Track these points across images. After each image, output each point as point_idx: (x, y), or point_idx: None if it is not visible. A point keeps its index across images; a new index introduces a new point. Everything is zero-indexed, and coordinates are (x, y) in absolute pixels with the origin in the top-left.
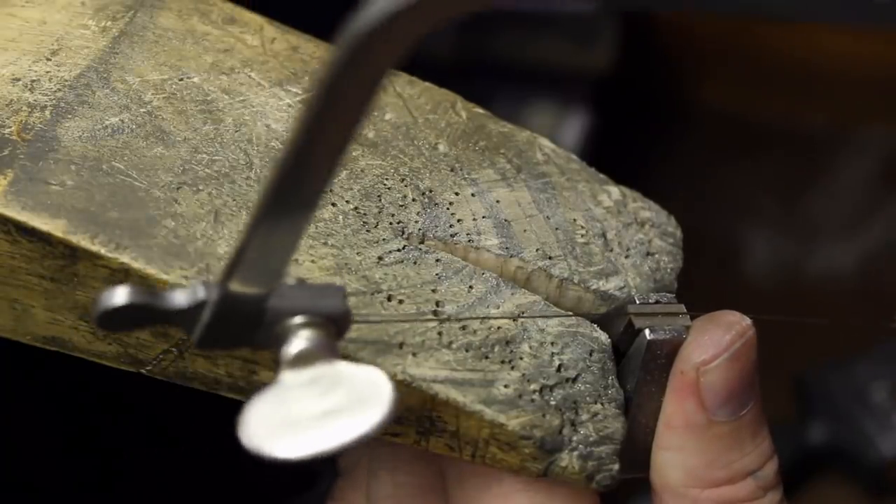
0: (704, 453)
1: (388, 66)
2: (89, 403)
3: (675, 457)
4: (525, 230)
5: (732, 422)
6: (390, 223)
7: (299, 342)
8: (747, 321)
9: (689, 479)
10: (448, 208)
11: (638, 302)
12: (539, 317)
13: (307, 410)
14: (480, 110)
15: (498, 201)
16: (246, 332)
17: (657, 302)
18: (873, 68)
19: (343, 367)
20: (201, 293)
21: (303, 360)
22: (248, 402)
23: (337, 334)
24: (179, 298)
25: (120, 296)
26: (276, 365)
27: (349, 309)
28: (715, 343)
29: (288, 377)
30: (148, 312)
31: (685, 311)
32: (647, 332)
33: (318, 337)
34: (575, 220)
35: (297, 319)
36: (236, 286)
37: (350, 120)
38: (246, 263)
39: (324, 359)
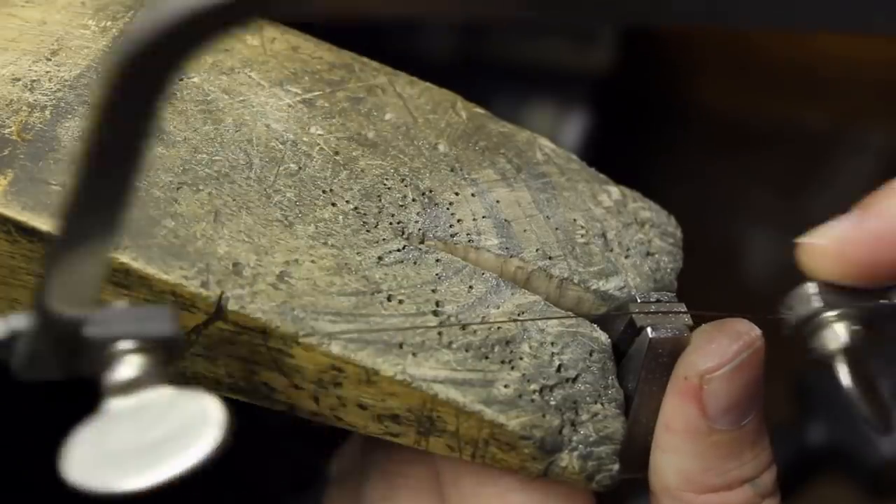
0: (702, 459)
1: (169, 79)
2: (89, 403)
3: (672, 459)
4: (525, 230)
5: (733, 431)
6: (390, 223)
7: (124, 369)
8: (756, 332)
9: (686, 482)
10: (448, 208)
11: (639, 301)
12: (539, 319)
13: (133, 440)
14: (480, 110)
15: (498, 201)
16: (70, 360)
17: (658, 301)
18: (873, 68)
19: (171, 393)
20: (15, 322)
21: (128, 387)
22: (71, 433)
23: (167, 359)
24: None
25: None
26: (101, 392)
27: (179, 332)
28: (721, 352)
29: (113, 405)
30: None
31: (686, 310)
32: (648, 330)
33: (144, 363)
34: (575, 220)
35: (123, 345)
36: (51, 312)
37: (135, 137)
38: (55, 290)
39: (151, 385)
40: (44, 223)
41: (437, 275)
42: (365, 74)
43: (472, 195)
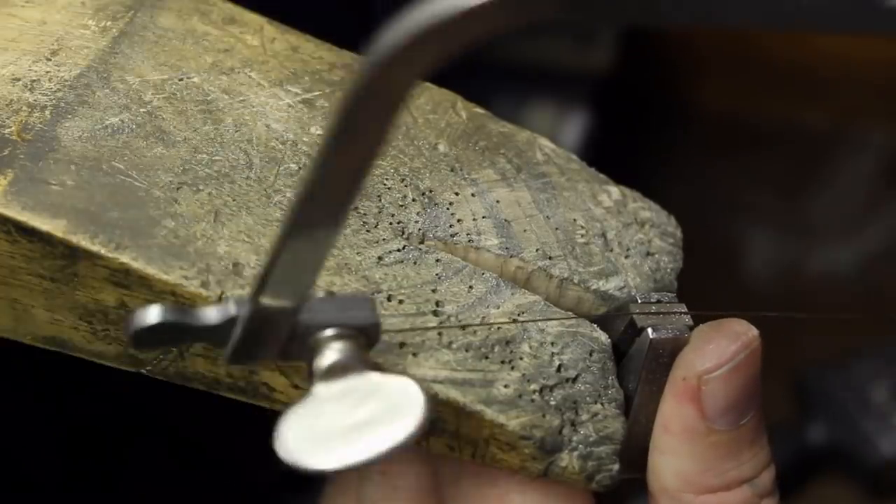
0: (700, 460)
1: (409, 87)
2: (89, 403)
3: (670, 461)
4: (525, 230)
5: (731, 431)
6: (390, 223)
7: (330, 355)
8: (754, 332)
9: (684, 483)
10: (448, 208)
11: (640, 301)
12: (540, 321)
13: (341, 422)
14: (480, 110)
15: (498, 201)
16: (277, 346)
17: (659, 301)
18: (873, 68)
19: (375, 377)
20: (232, 309)
21: (334, 372)
22: (282, 415)
23: (367, 345)
24: (211, 315)
25: (153, 315)
26: (308, 377)
27: (379, 320)
28: (719, 352)
29: (321, 389)
30: (180, 330)
31: (687, 310)
32: (649, 331)
33: (348, 349)
34: (575, 220)
35: (328, 332)
36: (267, 301)
37: (373, 139)
38: (275, 279)
39: (355, 370)
40: (44, 223)
41: (437, 275)
42: None
43: (472, 195)
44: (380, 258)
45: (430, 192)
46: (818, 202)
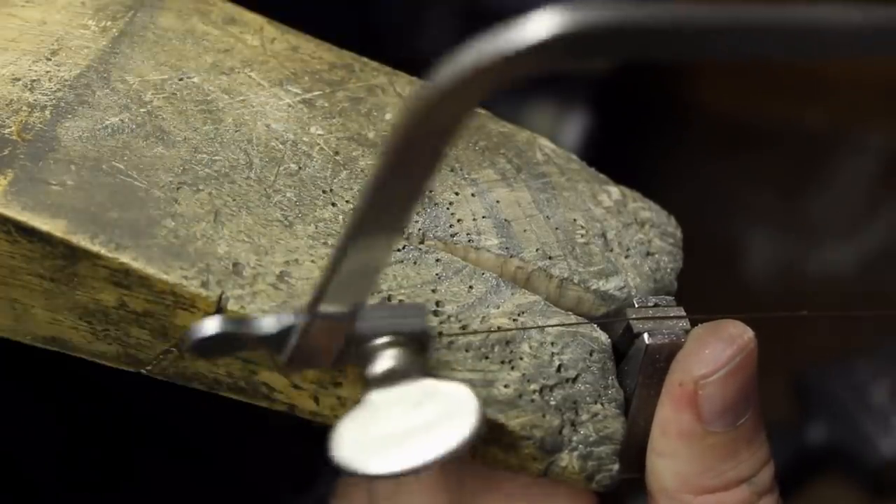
0: (698, 462)
1: (465, 118)
2: (89, 403)
3: (668, 463)
4: (525, 230)
5: (728, 432)
6: None
7: (385, 361)
8: (749, 334)
9: (683, 485)
10: (448, 208)
11: (637, 305)
12: (540, 327)
13: (397, 427)
14: (480, 110)
15: (498, 201)
16: (333, 353)
17: (656, 305)
18: (873, 68)
19: (429, 383)
20: (289, 319)
21: (389, 378)
22: (339, 421)
23: (421, 351)
24: (269, 325)
25: (211, 326)
26: (363, 383)
27: (432, 327)
28: (715, 357)
29: (375, 396)
30: (238, 339)
31: (684, 314)
32: (645, 336)
33: (403, 355)
34: (575, 220)
35: (382, 339)
36: (324, 309)
37: (430, 160)
38: (333, 288)
39: (410, 376)
40: (44, 223)
41: (437, 275)
42: (365, 74)
43: (472, 195)
44: None
45: (430, 191)
46: (818, 202)
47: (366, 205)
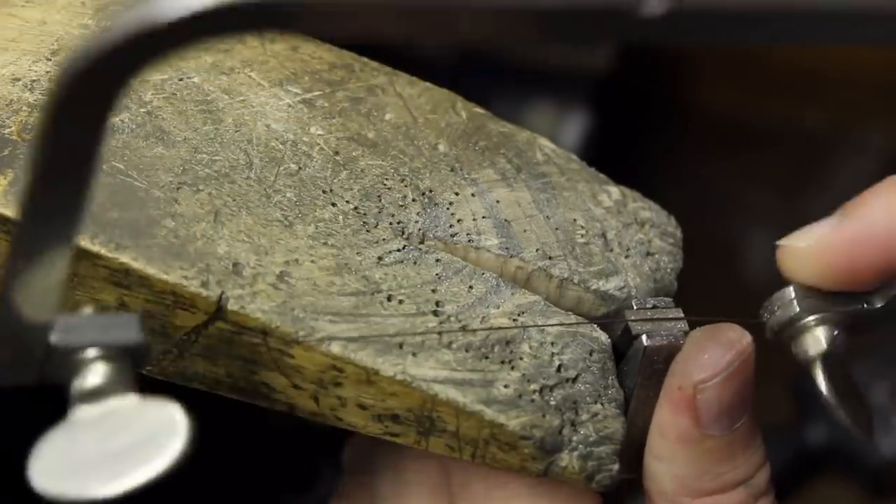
0: (696, 465)
1: (114, 100)
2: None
3: (666, 466)
4: (525, 230)
5: (726, 436)
6: (390, 223)
7: (90, 376)
8: (747, 339)
9: (680, 488)
10: (448, 208)
11: (635, 307)
12: (540, 326)
13: (99, 448)
14: (480, 110)
15: (498, 201)
16: (40, 367)
17: (654, 307)
18: (873, 68)
19: (137, 401)
20: None
21: (95, 394)
22: (40, 439)
23: (134, 366)
24: None
25: None
26: (69, 400)
27: (146, 339)
28: (714, 362)
29: (79, 413)
30: None
31: (683, 315)
32: (644, 338)
33: (111, 371)
34: (575, 220)
35: (90, 352)
36: (17, 319)
37: (81, 150)
38: (18, 297)
39: (117, 392)
40: None
41: (437, 275)
42: (365, 74)
43: (472, 195)
44: (380, 258)
45: (430, 192)
46: (818, 202)
47: (25, 213)
